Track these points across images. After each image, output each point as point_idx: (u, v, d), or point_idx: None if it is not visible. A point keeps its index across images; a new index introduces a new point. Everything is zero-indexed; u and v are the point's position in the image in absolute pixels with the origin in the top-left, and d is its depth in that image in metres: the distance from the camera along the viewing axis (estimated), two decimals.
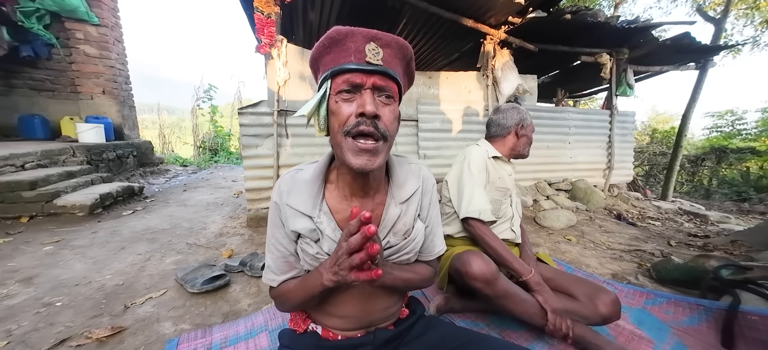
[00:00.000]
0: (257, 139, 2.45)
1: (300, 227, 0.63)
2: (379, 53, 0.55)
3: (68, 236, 2.14)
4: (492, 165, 1.25)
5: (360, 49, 0.55)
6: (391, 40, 0.57)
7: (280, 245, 0.66)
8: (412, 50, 0.62)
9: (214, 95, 7.55)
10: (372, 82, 0.55)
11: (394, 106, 0.59)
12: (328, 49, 0.57)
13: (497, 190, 1.24)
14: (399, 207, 0.67)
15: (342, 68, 0.55)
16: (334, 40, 0.56)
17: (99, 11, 4.14)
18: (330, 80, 0.57)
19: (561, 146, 3.70)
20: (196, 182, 4.52)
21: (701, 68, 4.39)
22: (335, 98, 0.57)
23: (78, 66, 4.13)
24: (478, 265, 0.94)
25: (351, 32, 0.55)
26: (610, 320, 0.97)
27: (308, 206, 0.63)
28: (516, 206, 1.31)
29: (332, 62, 0.56)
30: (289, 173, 0.67)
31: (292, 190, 0.64)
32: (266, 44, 2.36)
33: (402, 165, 0.71)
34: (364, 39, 0.55)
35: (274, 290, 0.70)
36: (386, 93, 0.57)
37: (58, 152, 3.23)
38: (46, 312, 1.27)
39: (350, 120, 0.55)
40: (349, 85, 0.55)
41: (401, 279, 0.67)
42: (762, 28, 7.41)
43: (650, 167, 8.53)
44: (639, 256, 2.03)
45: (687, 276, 1.52)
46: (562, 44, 3.39)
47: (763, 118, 7.54)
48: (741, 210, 4.79)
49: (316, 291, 0.61)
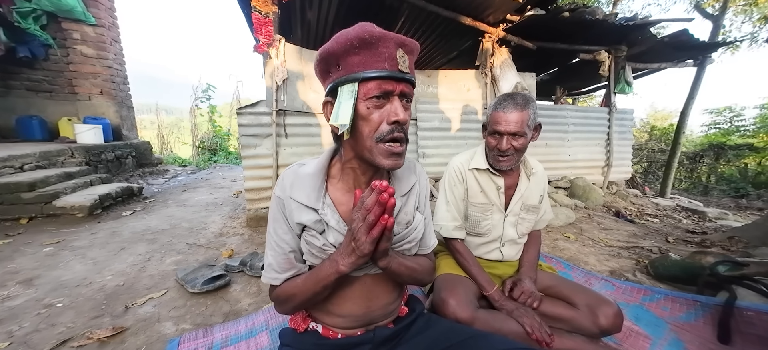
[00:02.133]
0: (256, 139, 2.45)
1: (305, 219, 0.64)
2: (406, 60, 0.57)
3: (68, 237, 2.14)
4: (472, 177, 1.12)
5: (393, 55, 0.55)
6: (414, 47, 0.59)
7: (282, 242, 0.66)
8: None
9: (213, 94, 7.52)
10: (401, 89, 0.57)
11: (411, 108, 0.63)
12: (357, 50, 0.54)
13: (473, 205, 1.13)
14: (400, 200, 0.70)
15: (376, 75, 0.55)
16: (367, 42, 0.54)
17: (96, 11, 4.12)
18: (357, 84, 0.56)
19: (560, 144, 3.71)
20: (195, 182, 4.52)
21: (699, 65, 4.39)
22: (366, 103, 0.56)
23: (75, 67, 4.12)
24: (453, 309, 0.90)
25: (384, 37, 0.54)
26: (610, 332, 0.94)
27: (312, 199, 0.64)
28: (516, 226, 1.14)
29: (361, 65, 0.55)
30: (292, 168, 0.68)
31: (295, 184, 0.65)
32: (264, 44, 2.36)
33: None
34: (395, 45, 0.55)
35: (276, 289, 0.69)
36: (408, 98, 0.59)
37: (57, 154, 3.23)
38: (47, 313, 1.27)
39: (382, 127, 0.57)
40: (381, 91, 0.56)
41: (406, 266, 0.68)
42: (760, 24, 7.41)
43: (649, 164, 8.55)
44: (637, 253, 2.04)
45: (684, 272, 1.53)
46: (560, 42, 3.39)
47: (761, 114, 7.55)
48: (739, 207, 4.82)
49: (331, 280, 0.61)
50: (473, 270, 1.08)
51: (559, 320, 0.99)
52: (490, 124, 1.05)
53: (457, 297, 0.94)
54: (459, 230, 1.13)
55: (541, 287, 1.09)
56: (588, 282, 1.54)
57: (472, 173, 1.13)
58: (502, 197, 1.12)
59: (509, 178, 1.12)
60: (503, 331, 0.91)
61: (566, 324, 0.98)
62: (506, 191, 1.12)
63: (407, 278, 0.70)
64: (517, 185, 1.13)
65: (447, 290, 0.97)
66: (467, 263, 1.10)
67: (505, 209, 1.13)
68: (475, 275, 1.07)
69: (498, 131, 1.01)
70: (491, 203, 1.13)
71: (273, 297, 0.70)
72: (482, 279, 1.06)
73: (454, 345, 0.70)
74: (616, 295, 1.41)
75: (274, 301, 0.71)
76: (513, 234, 1.14)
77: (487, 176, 1.12)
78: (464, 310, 0.91)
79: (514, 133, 0.99)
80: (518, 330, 0.94)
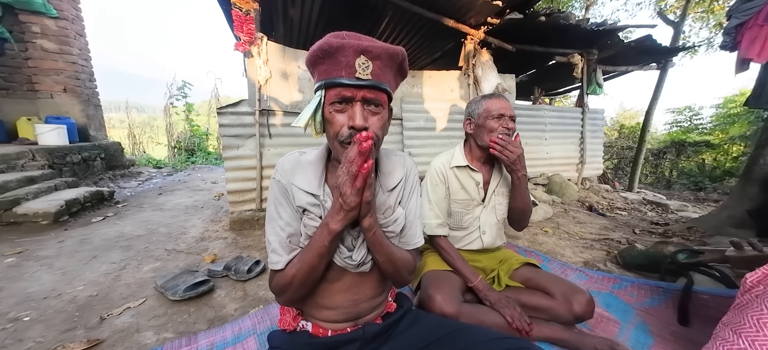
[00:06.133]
0: (238, 139, 2.39)
1: (305, 202, 0.67)
2: (369, 67, 0.58)
3: (32, 246, 2.00)
4: (453, 176, 1.20)
5: (350, 63, 0.57)
6: (380, 51, 0.59)
7: (286, 225, 0.68)
8: (404, 51, 0.65)
9: (189, 92, 7.21)
10: (362, 95, 0.59)
11: (383, 113, 0.63)
12: (321, 59, 0.60)
13: (455, 202, 1.20)
14: (386, 194, 0.73)
15: (334, 82, 0.59)
16: (326, 52, 0.58)
17: (58, 3, 3.83)
18: (324, 90, 0.61)
19: (538, 143, 3.87)
20: (172, 184, 4.33)
21: (662, 68, 4.73)
22: (329, 108, 0.61)
23: (35, 62, 3.81)
24: (439, 304, 0.95)
25: (342, 46, 0.57)
26: (584, 318, 1.02)
27: (313, 185, 0.67)
28: (495, 211, 1.23)
29: (325, 73, 0.60)
30: (293, 155, 0.72)
31: (297, 170, 0.69)
32: (246, 42, 2.29)
33: (389, 157, 0.77)
34: (354, 53, 0.57)
35: (279, 275, 0.68)
36: (374, 103, 0.61)
37: (16, 156, 2.99)
38: (12, 328, 1.19)
39: (343, 131, 0.60)
40: (340, 98, 0.59)
41: (386, 245, 0.68)
42: (716, 30, 8.05)
43: (619, 161, 9.09)
44: (607, 244, 2.18)
45: (648, 261, 1.66)
46: (537, 45, 3.54)
47: (717, 114, 8.24)
48: (697, 199, 5.23)
49: (326, 244, 0.62)
50: (458, 263, 1.13)
51: (538, 309, 1.05)
52: (487, 111, 1.12)
53: (443, 292, 0.98)
54: (442, 228, 1.18)
55: (522, 279, 1.15)
56: (564, 273, 1.63)
57: (453, 171, 1.20)
58: (482, 191, 1.21)
59: (486, 172, 1.21)
60: (486, 323, 0.97)
61: (544, 313, 1.04)
62: (484, 185, 1.21)
63: (386, 256, 0.68)
64: (491, 178, 1.22)
65: (433, 286, 1.01)
66: (451, 258, 1.15)
67: (483, 202, 1.22)
68: (460, 268, 1.12)
69: (501, 113, 1.11)
70: (472, 198, 1.21)
71: (274, 285, 0.69)
72: (466, 271, 1.12)
73: (441, 338, 0.72)
74: (589, 284, 1.50)
75: (275, 290, 0.70)
76: (493, 220, 1.24)
77: (467, 172, 1.20)
78: (450, 305, 0.95)
79: (511, 116, 1.11)
80: (500, 321, 0.99)
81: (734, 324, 0.69)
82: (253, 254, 1.92)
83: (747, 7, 2.16)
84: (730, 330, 0.69)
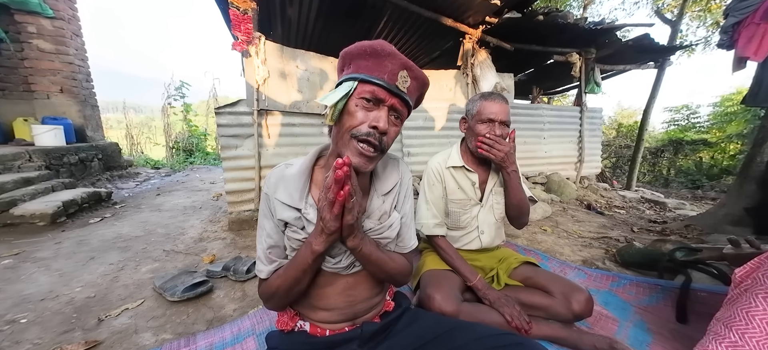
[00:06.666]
0: (237, 140, 2.38)
1: (287, 216, 0.67)
2: (407, 83, 0.63)
3: (29, 247, 1.98)
4: (450, 175, 1.19)
5: (395, 72, 0.61)
6: (419, 74, 0.66)
7: (267, 237, 0.69)
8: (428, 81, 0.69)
9: (187, 92, 7.18)
10: (392, 102, 0.62)
11: (399, 127, 0.67)
12: (368, 56, 0.62)
13: (452, 202, 1.20)
14: (381, 198, 0.73)
15: (374, 80, 0.61)
16: (377, 52, 0.61)
17: (54, 3, 3.81)
18: (356, 83, 0.62)
19: (537, 141, 3.88)
20: (170, 185, 4.31)
21: (659, 67, 4.75)
22: (356, 101, 0.62)
23: (31, 62, 3.79)
24: (438, 303, 0.95)
25: (393, 54, 0.61)
26: (583, 317, 1.01)
27: (295, 199, 0.67)
28: (492, 211, 1.22)
29: (366, 69, 0.62)
30: (279, 168, 0.72)
31: (279, 184, 0.68)
32: (244, 42, 2.29)
33: (385, 161, 0.77)
34: (400, 65, 0.62)
35: (263, 283, 0.71)
36: (398, 115, 0.65)
37: (12, 157, 2.97)
38: (9, 330, 1.18)
39: (362, 127, 0.61)
40: (373, 96, 0.61)
41: (376, 255, 0.69)
42: (713, 29, 8.07)
43: (617, 159, 9.12)
44: (606, 243, 2.18)
45: (646, 259, 1.66)
46: (536, 44, 3.55)
47: (714, 112, 8.27)
48: (695, 197, 5.26)
49: (308, 262, 0.63)
50: (456, 262, 1.13)
51: (537, 308, 1.05)
52: (479, 113, 1.11)
53: (442, 291, 0.98)
54: (439, 227, 1.18)
55: (521, 278, 1.15)
56: (563, 272, 1.63)
57: (449, 171, 1.20)
58: (478, 191, 1.20)
59: (483, 172, 1.20)
60: (486, 321, 0.96)
61: (543, 312, 1.04)
62: (480, 185, 1.20)
63: (376, 268, 0.70)
64: (488, 178, 1.21)
65: (432, 286, 1.01)
66: (450, 257, 1.14)
67: (480, 201, 1.21)
68: (458, 267, 1.12)
69: (490, 118, 1.08)
70: (469, 198, 1.20)
71: (260, 292, 0.72)
72: (465, 270, 1.11)
73: (440, 335, 0.72)
74: (588, 282, 1.51)
75: (262, 297, 0.72)
76: (491, 219, 1.22)
77: (463, 172, 1.19)
78: (449, 304, 0.95)
79: (503, 121, 1.09)
80: (500, 319, 0.99)
81: (726, 319, 0.69)
82: (252, 254, 1.91)
83: (744, 6, 2.17)
84: (722, 324, 0.69)
